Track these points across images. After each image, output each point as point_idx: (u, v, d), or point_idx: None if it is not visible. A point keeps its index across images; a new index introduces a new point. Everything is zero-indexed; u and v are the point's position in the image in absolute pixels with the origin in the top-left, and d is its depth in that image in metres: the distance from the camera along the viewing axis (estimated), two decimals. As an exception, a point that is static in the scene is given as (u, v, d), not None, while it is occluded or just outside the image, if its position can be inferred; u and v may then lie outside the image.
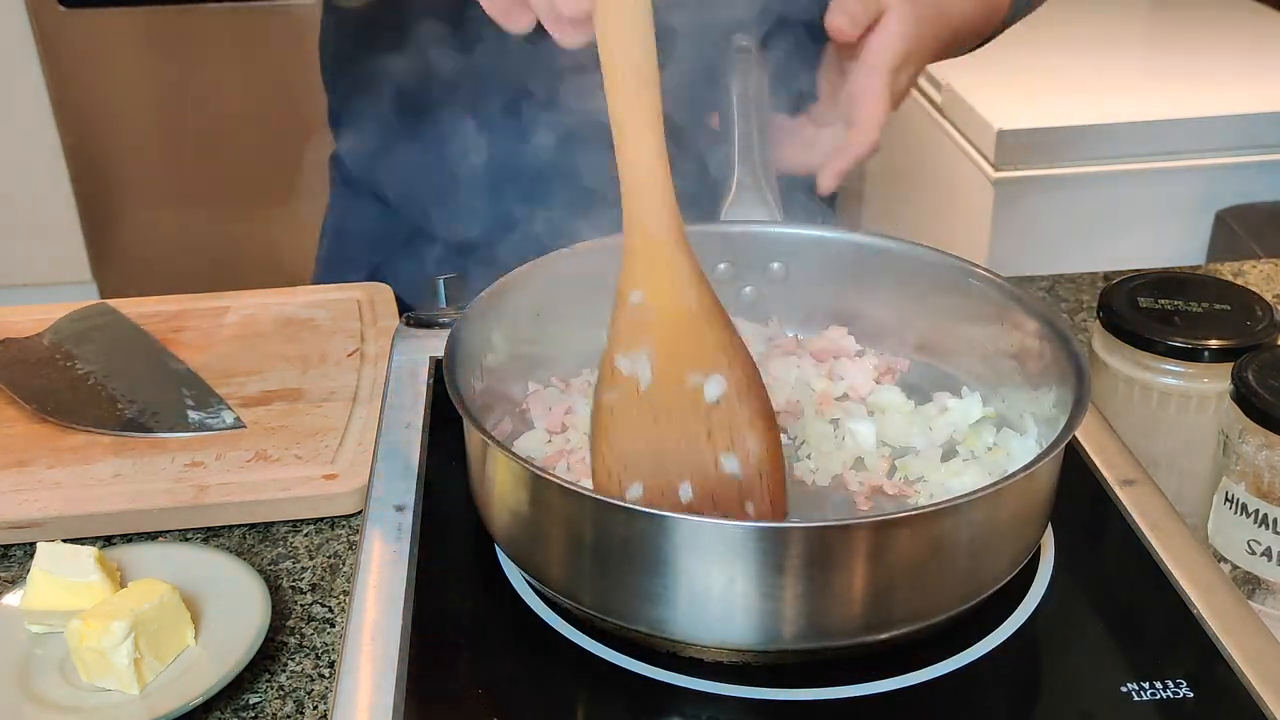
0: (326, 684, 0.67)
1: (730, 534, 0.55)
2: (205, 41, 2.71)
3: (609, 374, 0.58)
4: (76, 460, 0.84)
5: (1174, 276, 0.88)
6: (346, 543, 0.79)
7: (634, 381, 0.57)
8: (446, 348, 0.67)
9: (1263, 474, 0.69)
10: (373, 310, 1.03)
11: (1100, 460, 0.74)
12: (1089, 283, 1.12)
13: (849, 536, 0.56)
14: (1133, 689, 0.58)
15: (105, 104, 2.77)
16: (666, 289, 0.58)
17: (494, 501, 0.64)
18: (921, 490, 0.70)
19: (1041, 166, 1.85)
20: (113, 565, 0.71)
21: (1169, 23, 2.34)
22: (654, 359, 0.58)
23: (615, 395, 0.57)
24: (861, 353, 0.80)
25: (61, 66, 2.73)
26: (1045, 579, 0.66)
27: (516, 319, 0.76)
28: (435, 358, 0.84)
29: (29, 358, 0.95)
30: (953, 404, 0.75)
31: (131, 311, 1.02)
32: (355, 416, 0.88)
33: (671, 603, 0.57)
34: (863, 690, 0.58)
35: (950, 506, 0.56)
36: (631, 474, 0.58)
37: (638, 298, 0.58)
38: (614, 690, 0.59)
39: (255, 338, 0.99)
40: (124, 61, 2.74)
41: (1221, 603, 0.63)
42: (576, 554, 0.60)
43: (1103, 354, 0.81)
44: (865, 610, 0.57)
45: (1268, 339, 0.76)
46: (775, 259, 0.81)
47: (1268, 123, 1.86)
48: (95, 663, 0.64)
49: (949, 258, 0.77)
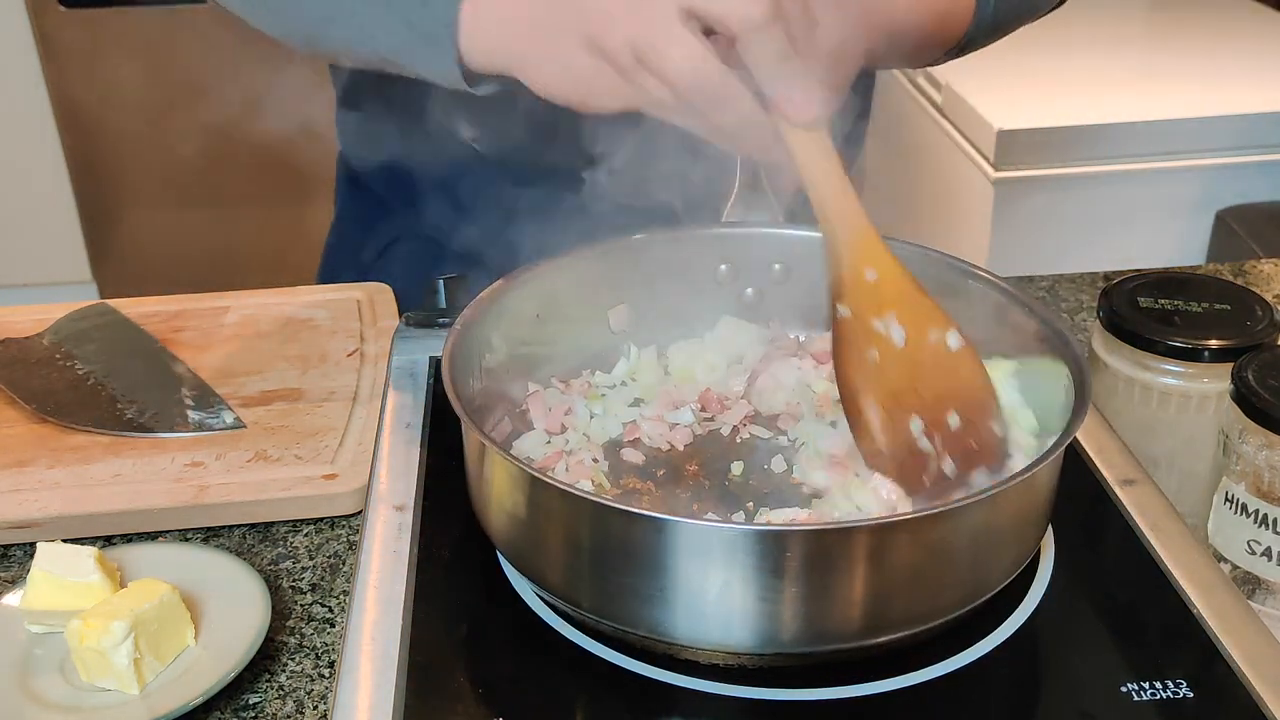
0: (326, 684, 0.67)
1: (728, 536, 0.55)
2: (205, 41, 2.71)
3: (866, 334, 0.67)
4: (76, 460, 0.84)
5: (1174, 276, 0.88)
6: (346, 543, 0.79)
7: (889, 340, 0.67)
8: (445, 348, 0.67)
9: (1263, 474, 0.69)
10: (373, 310, 1.03)
11: (1100, 460, 0.74)
12: (1089, 283, 1.12)
13: (847, 539, 0.56)
14: (1133, 689, 0.58)
15: (105, 104, 2.77)
16: (890, 265, 0.68)
17: (492, 503, 0.64)
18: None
19: (1041, 166, 1.85)
20: (113, 565, 0.71)
21: (1169, 23, 2.34)
22: (902, 321, 0.67)
23: (877, 351, 0.67)
24: None
25: (61, 66, 2.73)
26: (1045, 579, 0.66)
27: (516, 320, 0.76)
28: (435, 358, 0.84)
29: (29, 358, 0.95)
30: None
31: (131, 311, 1.02)
32: (355, 416, 0.88)
33: (669, 606, 0.57)
34: (862, 691, 0.58)
35: (950, 509, 0.56)
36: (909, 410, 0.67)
37: (872, 275, 0.67)
38: (614, 690, 0.59)
39: (255, 338, 0.99)
40: (124, 61, 2.74)
41: (1221, 603, 0.63)
42: (574, 557, 0.60)
43: (1103, 354, 0.81)
44: (864, 614, 0.57)
45: (1268, 339, 0.76)
46: (776, 260, 0.81)
47: (1268, 123, 1.86)
48: (95, 663, 0.64)
49: (949, 259, 0.77)
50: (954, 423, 0.66)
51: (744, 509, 0.69)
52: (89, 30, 2.70)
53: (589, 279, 0.79)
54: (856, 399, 0.68)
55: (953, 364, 0.67)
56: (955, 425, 0.66)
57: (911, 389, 0.67)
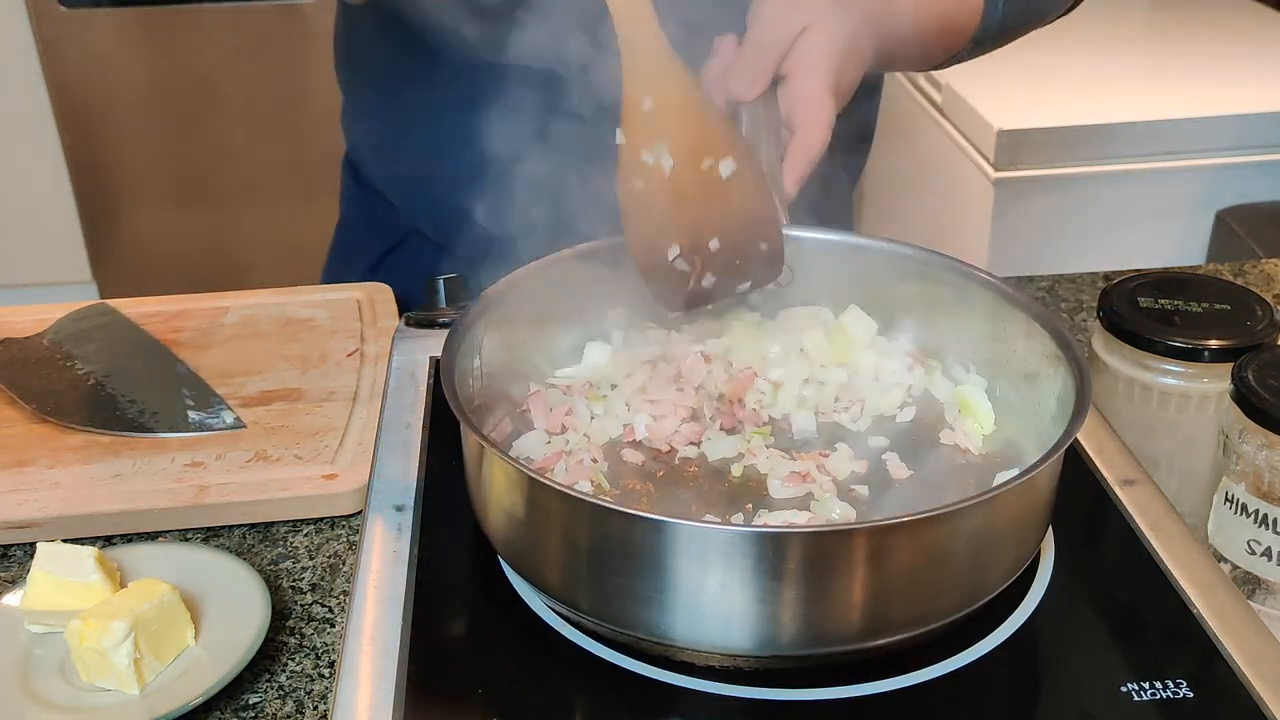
0: (326, 684, 0.67)
1: (726, 538, 0.55)
2: (205, 41, 2.71)
3: (635, 166, 0.70)
4: (76, 460, 0.84)
5: (1174, 276, 0.88)
6: (346, 543, 0.79)
7: (659, 169, 0.69)
8: (445, 349, 0.67)
9: (1263, 474, 0.69)
10: (373, 310, 1.03)
11: (1100, 460, 0.74)
12: (1089, 283, 1.12)
13: (846, 542, 0.56)
14: (1133, 689, 0.58)
15: (105, 104, 2.77)
16: (672, 91, 0.70)
17: (491, 504, 0.64)
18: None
19: (1041, 166, 1.85)
20: (113, 565, 0.71)
21: (1169, 23, 2.34)
22: (673, 150, 0.70)
23: (642, 181, 0.70)
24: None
25: (61, 66, 2.73)
26: (1045, 579, 0.66)
27: (516, 320, 0.76)
28: (435, 358, 0.84)
29: (29, 358, 0.95)
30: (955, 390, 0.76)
31: (131, 311, 1.02)
32: (355, 416, 0.88)
33: (667, 608, 0.57)
34: (862, 691, 0.58)
35: (950, 511, 0.56)
36: (667, 238, 0.71)
37: (649, 103, 0.69)
38: (613, 690, 0.59)
39: (255, 338, 0.99)
40: (124, 61, 2.74)
41: (1221, 603, 0.63)
42: (572, 558, 0.60)
43: (1103, 354, 0.81)
44: (862, 617, 0.57)
45: (1268, 339, 0.76)
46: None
47: (1268, 123, 1.86)
48: (95, 663, 0.64)
49: (949, 260, 0.77)
50: (714, 246, 0.71)
51: (743, 510, 0.69)
52: (89, 30, 2.70)
53: (589, 279, 0.79)
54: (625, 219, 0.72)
55: (723, 190, 0.71)
56: (715, 248, 0.71)
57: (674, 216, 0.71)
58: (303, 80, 2.74)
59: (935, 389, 0.77)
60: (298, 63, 2.72)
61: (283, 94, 2.76)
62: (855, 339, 0.78)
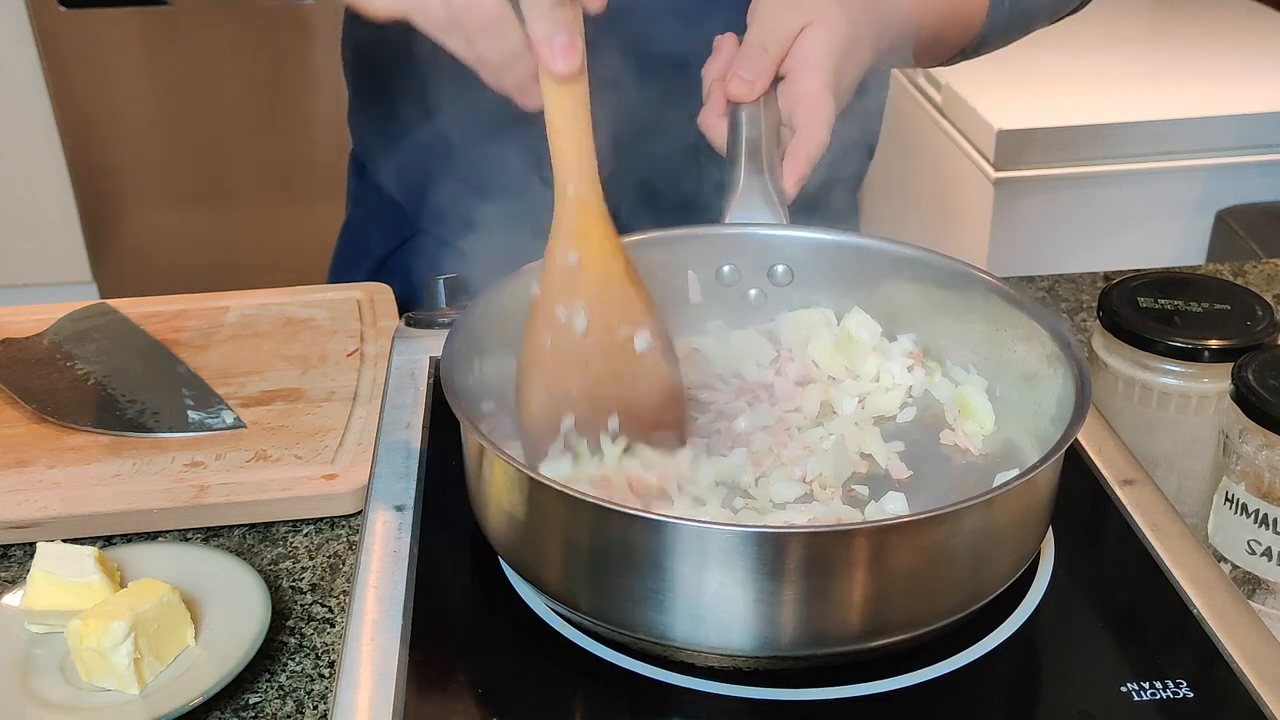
0: (326, 684, 0.67)
1: (725, 538, 0.55)
2: (205, 41, 2.71)
3: (546, 319, 0.66)
4: (76, 460, 0.84)
5: (1174, 276, 0.88)
6: (346, 543, 0.79)
7: (569, 329, 0.66)
8: (444, 349, 0.67)
9: (1263, 474, 0.69)
10: (373, 310, 1.03)
11: (1100, 460, 0.74)
12: (1089, 283, 1.12)
13: (845, 542, 0.56)
14: (1133, 689, 0.58)
15: (105, 104, 2.77)
16: (596, 251, 0.67)
17: (490, 504, 0.64)
18: None
19: (1041, 166, 1.86)
20: (113, 565, 0.71)
21: (1169, 23, 2.34)
22: (589, 311, 0.66)
23: (551, 338, 0.66)
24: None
25: (61, 66, 2.73)
26: (1045, 579, 0.65)
27: (516, 320, 0.75)
28: (435, 358, 0.84)
29: (29, 358, 0.95)
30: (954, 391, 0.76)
31: (131, 311, 1.02)
32: (355, 416, 0.88)
33: (667, 608, 0.57)
34: (862, 691, 0.58)
35: (950, 512, 0.56)
36: (564, 406, 0.66)
37: (573, 258, 0.66)
38: (614, 690, 0.59)
39: (255, 338, 1.00)
40: (124, 61, 2.74)
41: (1221, 603, 0.63)
42: (572, 558, 0.60)
43: (1103, 354, 0.81)
44: (862, 617, 0.57)
45: (1268, 339, 0.76)
46: (779, 261, 0.81)
47: (1268, 123, 1.87)
48: (95, 663, 0.64)
49: (949, 260, 0.77)
50: (612, 425, 0.66)
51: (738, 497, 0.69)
52: (89, 30, 2.70)
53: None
54: (521, 382, 0.67)
55: (634, 364, 0.67)
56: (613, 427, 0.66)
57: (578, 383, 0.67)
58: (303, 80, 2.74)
59: (935, 389, 0.77)
60: (298, 62, 2.73)
61: (283, 94, 2.76)
62: (861, 344, 0.78)
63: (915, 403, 0.77)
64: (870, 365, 0.77)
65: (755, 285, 0.82)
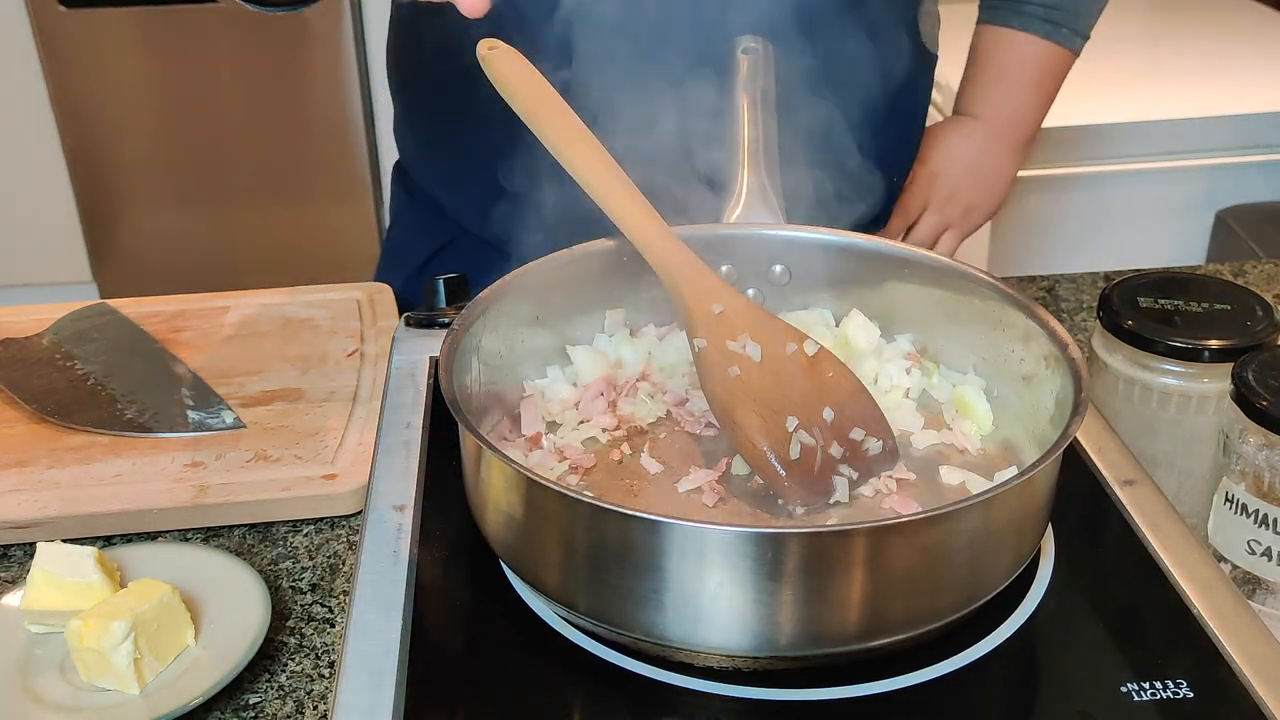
0: (326, 684, 0.67)
1: (725, 538, 0.55)
2: (205, 41, 2.71)
3: (723, 355, 0.71)
4: (76, 460, 0.84)
5: (1174, 276, 0.88)
6: (346, 543, 0.79)
7: (748, 357, 0.70)
8: (443, 349, 0.67)
9: (1263, 474, 0.69)
10: (373, 310, 1.03)
11: (1100, 460, 0.74)
12: (1089, 283, 1.12)
13: (844, 542, 0.56)
14: (1133, 689, 0.58)
15: (105, 104, 2.77)
16: (733, 298, 0.73)
17: (489, 505, 0.64)
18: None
19: (1041, 166, 1.85)
20: (113, 565, 0.71)
21: (1169, 23, 2.34)
22: (755, 338, 0.71)
23: (737, 367, 0.70)
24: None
25: (61, 66, 2.73)
26: (1045, 579, 0.65)
27: (516, 320, 0.76)
28: (435, 357, 0.84)
29: (29, 358, 0.95)
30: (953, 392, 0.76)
31: (131, 311, 1.02)
32: (355, 416, 0.88)
33: (666, 608, 0.57)
34: (862, 691, 0.58)
35: (949, 512, 0.56)
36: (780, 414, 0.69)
37: (718, 308, 0.72)
38: (613, 690, 0.59)
39: (255, 338, 1.00)
40: (124, 61, 2.74)
41: (1221, 603, 0.63)
42: (570, 558, 0.60)
43: (1103, 354, 0.81)
44: (861, 618, 0.57)
45: (1268, 339, 0.76)
46: (778, 261, 0.81)
47: (1268, 123, 1.86)
48: (95, 663, 0.64)
49: (949, 260, 0.77)
50: (829, 415, 0.69)
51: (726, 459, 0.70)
52: (89, 30, 2.70)
53: (588, 280, 0.79)
54: (731, 414, 0.69)
55: (815, 366, 0.72)
56: (830, 417, 0.69)
57: (780, 394, 0.70)
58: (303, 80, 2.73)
59: (934, 389, 0.77)
60: (298, 63, 2.72)
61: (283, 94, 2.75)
62: (859, 348, 0.78)
63: (914, 402, 0.77)
64: (868, 368, 0.77)
65: (753, 285, 0.82)
